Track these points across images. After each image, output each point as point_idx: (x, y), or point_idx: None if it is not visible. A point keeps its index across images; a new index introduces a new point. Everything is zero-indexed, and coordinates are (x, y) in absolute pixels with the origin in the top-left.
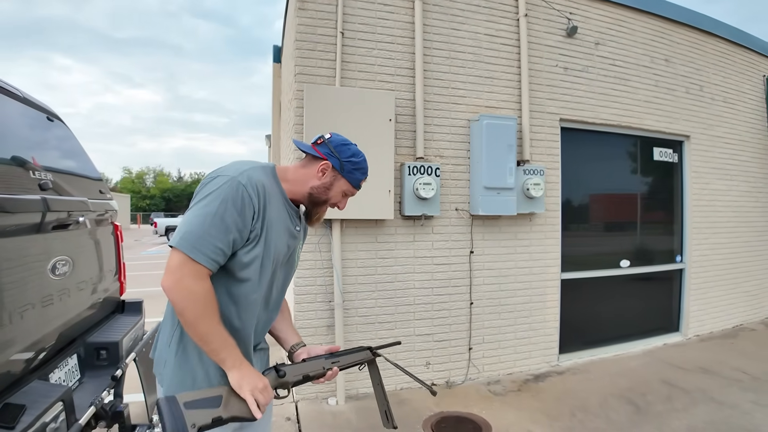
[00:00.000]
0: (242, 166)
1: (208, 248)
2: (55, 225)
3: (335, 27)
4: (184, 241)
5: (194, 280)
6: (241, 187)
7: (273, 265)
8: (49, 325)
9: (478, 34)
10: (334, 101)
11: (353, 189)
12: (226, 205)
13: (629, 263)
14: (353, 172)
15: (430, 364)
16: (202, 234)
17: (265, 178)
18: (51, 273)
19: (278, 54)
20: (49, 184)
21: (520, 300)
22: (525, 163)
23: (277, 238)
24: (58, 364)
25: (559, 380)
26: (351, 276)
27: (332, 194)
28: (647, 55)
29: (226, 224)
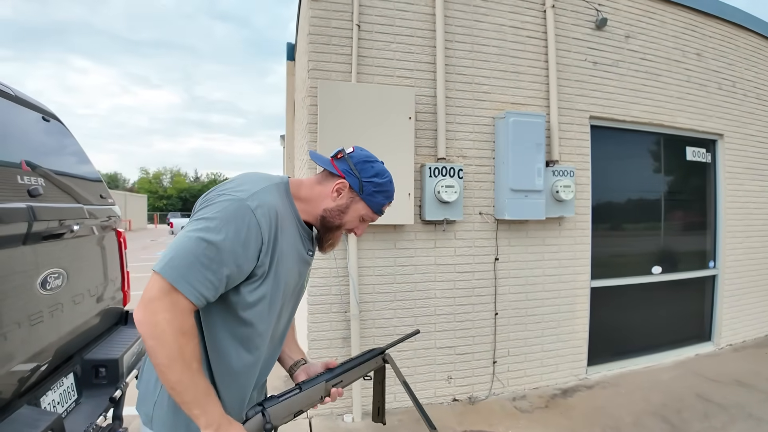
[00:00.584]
0: (254, 185)
1: (198, 279)
2: (46, 235)
3: (351, 19)
4: (170, 266)
5: (174, 316)
6: (249, 215)
7: (282, 300)
8: (38, 344)
9: (503, 26)
10: (349, 98)
11: (373, 214)
12: (228, 233)
13: (661, 269)
14: (375, 195)
15: (452, 378)
16: (193, 261)
17: (279, 200)
18: (41, 288)
19: (292, 51)
20: (39, 190)
21: (547, 310)
22: (554, 164)
23: (288, 270)
24: (52, 386)
25: (589, 395)
26: (368, 285)
27: (347, 219)
28: (678, 48)
29: (224, 256)
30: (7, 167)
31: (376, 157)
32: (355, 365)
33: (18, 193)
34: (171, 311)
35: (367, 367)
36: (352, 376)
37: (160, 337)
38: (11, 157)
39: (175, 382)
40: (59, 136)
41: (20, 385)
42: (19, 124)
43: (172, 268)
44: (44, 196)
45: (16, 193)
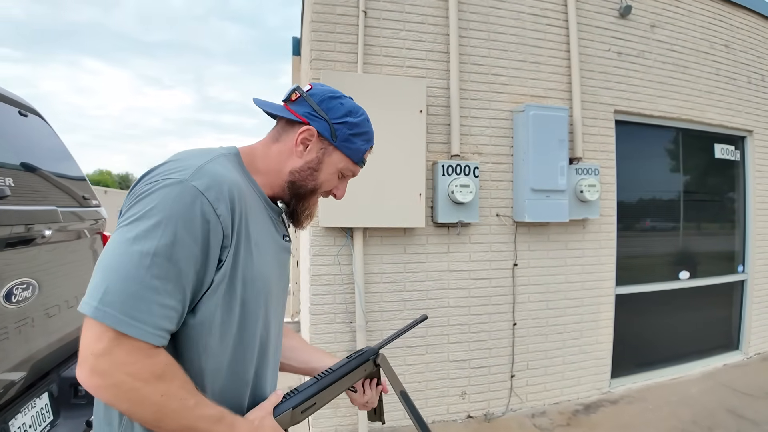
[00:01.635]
0: (196, 159)
1: (151, 312)
2: (11, 241)
3: (357, 5)
4: (106, 306)
5: (138, 367)
6: (198, 199)
7: (264, 304)
8: (3, 364)
9: (522, 13)
10: (355, 90)
11: (354, 166)
12: (174, 231)
13: (689, 275)
14: (352, 140)
15: (467, 393)
16: (138, 289)
17: (236, 171)
18: (4, 300)
19: (297, 46)
20: (5, 191)
21: (570, 319)
22: (577, 161)
23: (266, 264)
24: (22, 408)
25: (614, 411)
26: (375, 293)
27: (323, 178)
28: (706, 39)
29: (178, 266)
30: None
31: (341, 93)
32: (337, 378)
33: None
34: (131, 363)
35: (353, 377)
36: (333, 392)
37: (132, 398)
38: None
39: (174, 431)
40: (38, 133)
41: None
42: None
43: (112, 306)
44: (12, 198)
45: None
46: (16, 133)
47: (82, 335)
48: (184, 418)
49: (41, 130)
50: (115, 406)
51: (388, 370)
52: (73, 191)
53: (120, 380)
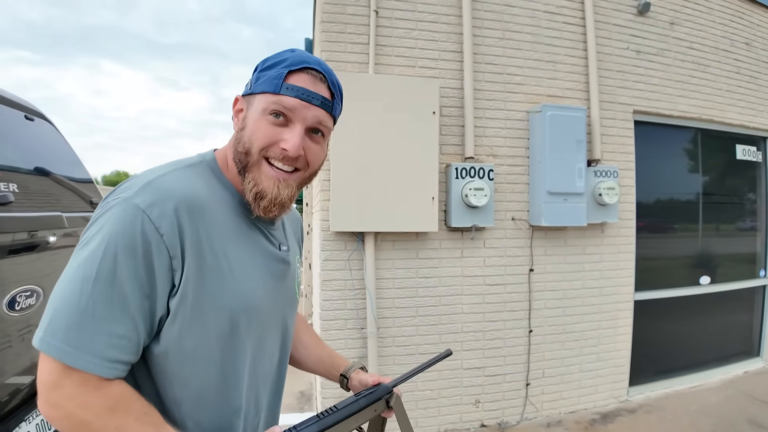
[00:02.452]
0: (148, 175)
1: (98, 342)
2: (14, 248)
3: (368, 5)
4: (50, 337)
5: (88, 399)
6: (140, 217)
7: (253, 325)
8: (6, 372)
9: (536, 11)
10: (367, 91)
11: (276, 96)
12: (116, 254)
13: (710, 280)
14: (264, 74)
15: (480, 402)
16: (80, 318)
17: (197, 183)
18: (7, 308)
19: (310, 47)
20: (8, 197)
21: (587, 326)
22: (595, 163)
23: (248, 280)
24: (26, 416)
25: (632, 421)
26: (387, 299)
27: (250, 131)
28: (726, 37)
29: (122, 291)
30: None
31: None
32: (342, 418)
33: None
34: (81, 396)
35: (361, 418)
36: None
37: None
38: None
39: None
40: (44, 136)
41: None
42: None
43: (55, 337)
44: (17, 203)
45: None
46: (21, 137)
47: (38, 370)
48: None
49: (48, 133)
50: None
51: (401, 414)
52: (82, 195)
53: (70, 413)
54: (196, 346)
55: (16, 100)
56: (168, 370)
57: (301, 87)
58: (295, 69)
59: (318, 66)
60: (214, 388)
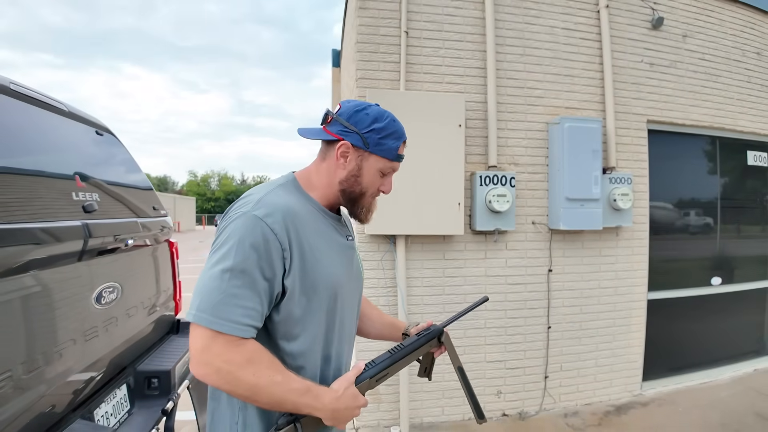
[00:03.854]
0: (257, 194)
1: (235, 313)
2: (101, 250)
3: (399, 26)
4: (201, 311)
5: (231, 355)
6: (259, 225)
7: (336, 296)
8: (92, 358)
9: (555, 28)
10: (398, 107)
11: (392, 163)
12: (245, 251)
13: (721, 280)
14: (383, 142)
15: (502, 393)
16: (222, 297)
17: (290, 199)
18: (96, 302)
19: (337, 58)
20: (94, 206)
21: (603, 324)
22: (611, 171)
23: (330, 264)
24: (105, 398)
25: (644, 413)
26: (416, 296)
27: (366, 181)
28: (738, 48)
29: (252, 276)
30: (62, 183)
31: (368, 102)
32: (407, 353)
33: (73, 209)
34: (226, 353)
35: (420, 352)
36: (403, 364)
37: (230, 380)
38: (66, 171)
39: (268, 403)
40: (112, 149)
41: (74, 398)
42: (73, 138)
43: (205, 312)
44: (99, 212)
45: (71, 210)
46: (95, 151)
47: (191, 339)
48: (274, 392)
49: (115, 147)
50: (220, 387)
51: (450, 347)
52: (146, 202)
53: (219, 367)
54: (303, 314)
55: (89, 118)
56: (285, 331)
57: (402, 155)
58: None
59: (405, 134)
60: (315, 344)
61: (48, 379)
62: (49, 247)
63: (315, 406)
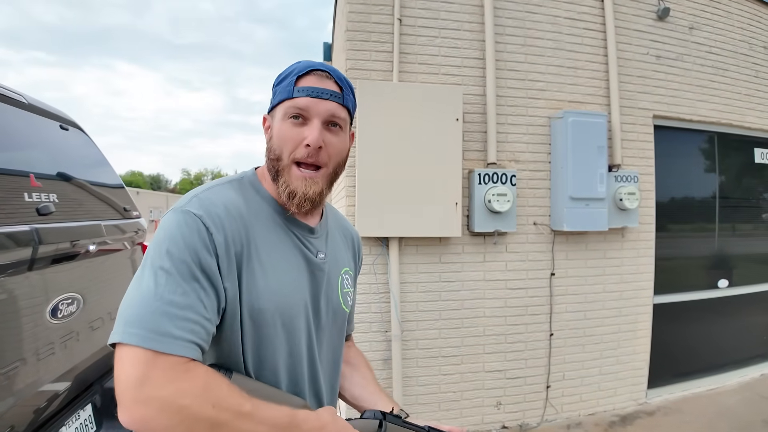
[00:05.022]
0: (196, 190)
1: (177, 326)
2: (56, 258)
3: (392, 13)
4: (131, 327)
5: (180, 385)
6: (192, 221)
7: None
8: (49, 377)
9: (558, 17)
10: (391, 99)
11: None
12: (179, 249)
13: (728, 283)
14: (279, 87)
15: (502, 404)
16: (158, 306)
17: (235, 196)
18: (51, 316)
19: (329, 51)
20: (50, 208)
21: (607, 329)
22: (616, 168)
23: (282, 284)
24: (67, 420)
25: (651, 423)
26: (411, 302)
27: (276, 138)
28: (745, 41)
29: (190, 270)
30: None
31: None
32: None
33: (25, 212)
34: (173, 381)
35: None
36: None
37: (184, 420)
38: (20, 170)
39: None
40: (79, 145)
41: (32, 419)
42: (31, 133)
43: (135, 326)
44: (57, 214)
45: (23, 213)
46: (58, 146)
47: (116, 372)
48: (243, 426)
49: (82, 142)
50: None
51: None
52: (115, 203)
53: (165, 403)
54: (253, 345)
55: (52, 110)
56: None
57: (309, 86)
58: (302, 73)
59: (323, 66)
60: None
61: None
62: None
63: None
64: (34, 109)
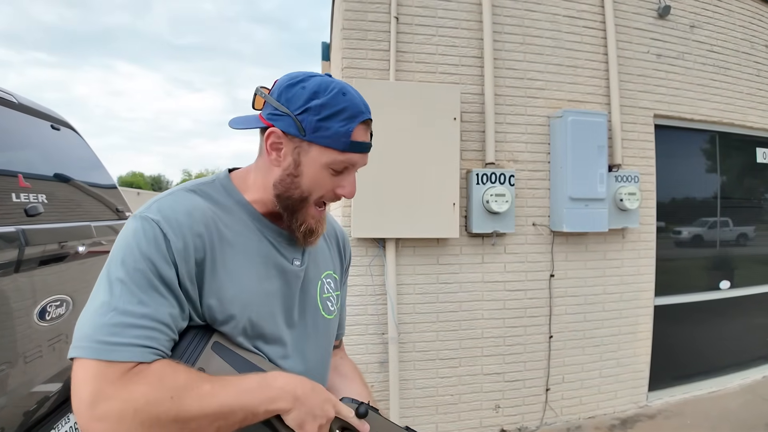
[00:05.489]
0: (157, 197)
1: (131, 334)
2: (44, 259)
3: (388, 11)
4: (81, 341)
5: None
6: (151, 225)
7: (265, 335)
8: (37, 381)
9: (557, 15)
10: (387, 98)
11: (343, 154)
12: (133, 254)
13: (729, 284)
14: (324, 126)
15: (500, 407)
16: (112, 316)
17: (200, 202)
18: (38, 319)
19: (327, 51)
20: (38, 209)
21: (607, 332)
22: (616, 168)
23: (251, 293)
24: (56, 423)
25: (652, 426)
26: (408, 304)
27: (308, 181)
28: (747, 40)
29: (147, 279)
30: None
31: (311, 72)
32: None
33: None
34: (125, 389)
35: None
36: None
37: (144, 422)
38: (8, 170)
39: (213, 420)
40: (71, 145)
41: (23, 421)
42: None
43: (85, 340)
44: (46, 214)
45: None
46: (49, 147)
47: (72, 390)
48: (211, 404)
49: (74, 142)
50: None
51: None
52: (107, 200)
53: (121, 412)
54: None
55: (43, 110)
56: None
57: (363, 142)
58: (360, 122)
59: (370, 113)
60: None
61: None
62: None
63: (270, 395)
64: (25, 108)
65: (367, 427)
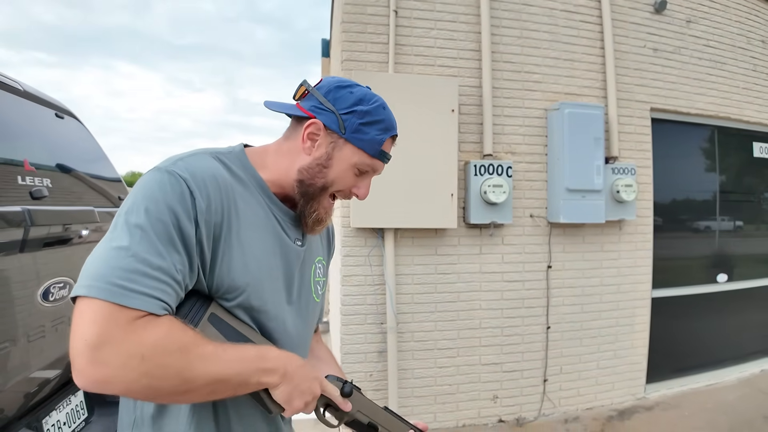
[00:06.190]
0: (181, 153)
1: (147, 285)
2: (49, 241)
3: (387, 5)
4: (94, 281)
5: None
6: (177, 178)
7: (265, 308)
8: (39, 360)
9: (554, 9)
10: (386, 90)
11: (372, 159)
12: (158, 207)
13: (727, 278)
14: (364, 130)
15: (498, 397)
16: (129, 261)
17: (223, 170)
18: (42, 299)
19: (327, 47)
20: (42, 192)
21: (605, 323)
22: (613, 161)
23: (258, 264)
24: (57, 405)
25: (649, 418)
26: (406, 294)
27: (334, 174)
28: (743, 35)
29: (167, 232)
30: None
31: (356, 82)
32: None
33: (19, 195)
34: (135, 335)
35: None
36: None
37: (151, 372)
38: (15, 156)
39: (211, 383)
40: (74, 135)
41: (19, 405)
42: (27, 121)
43: (99, 280)
44: (50, 198)
45: (16, 196)
46: (53, 134)
47: (72, 331)
48: (212, 366)
49: (77, 132)
50: (132, 392)
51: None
52: (109, 192)
53: (127, 356)
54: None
55: (46, 98)
56: None
57: (388, 153)
58: (390, 136)
59: (396, 129)
60: None
61: None
62: None
63: (265, 367)
64: (30, 96)
65: (349, 405)
